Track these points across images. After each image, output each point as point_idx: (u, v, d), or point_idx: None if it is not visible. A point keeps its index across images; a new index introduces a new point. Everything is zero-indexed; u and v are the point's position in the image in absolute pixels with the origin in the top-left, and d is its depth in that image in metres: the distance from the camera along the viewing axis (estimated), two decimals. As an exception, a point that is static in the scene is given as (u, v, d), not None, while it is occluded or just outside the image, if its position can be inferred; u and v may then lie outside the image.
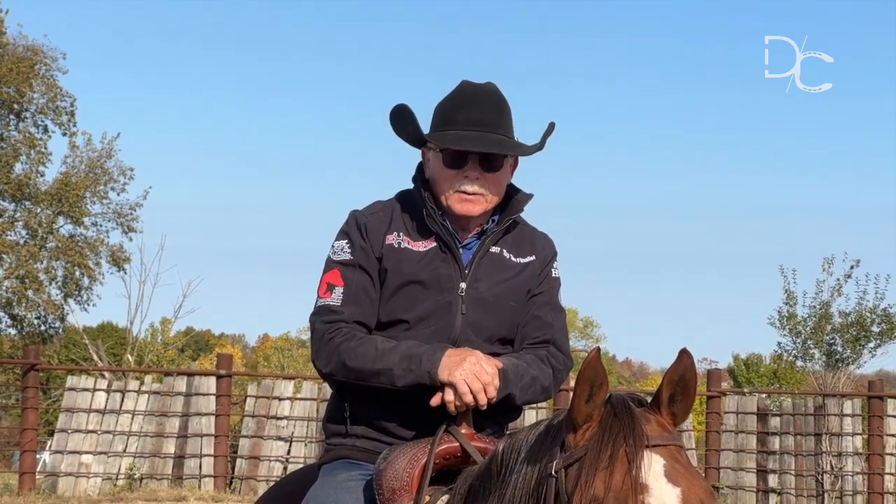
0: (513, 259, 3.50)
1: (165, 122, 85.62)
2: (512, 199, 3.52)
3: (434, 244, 3.44)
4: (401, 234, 3.45)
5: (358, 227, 3.46)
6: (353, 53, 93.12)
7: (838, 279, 25.80)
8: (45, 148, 32.27)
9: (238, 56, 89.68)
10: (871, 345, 26.18)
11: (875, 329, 25.97)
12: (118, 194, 32.68)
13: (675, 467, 2.54)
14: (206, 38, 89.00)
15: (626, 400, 2.62)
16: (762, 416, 14.47)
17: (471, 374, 3.19)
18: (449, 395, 3.21)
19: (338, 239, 3.49)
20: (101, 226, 32.77)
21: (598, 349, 2.59)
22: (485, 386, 3.19)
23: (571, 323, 60.66)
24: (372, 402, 3.35)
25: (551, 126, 3.53)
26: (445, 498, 3.06)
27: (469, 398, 3.19)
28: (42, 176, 32.25)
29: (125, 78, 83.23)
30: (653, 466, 2.52)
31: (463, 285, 3.41)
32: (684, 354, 2.59)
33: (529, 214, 3.60)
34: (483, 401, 3.20)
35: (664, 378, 2.61)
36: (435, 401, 3.22)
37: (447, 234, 3.43)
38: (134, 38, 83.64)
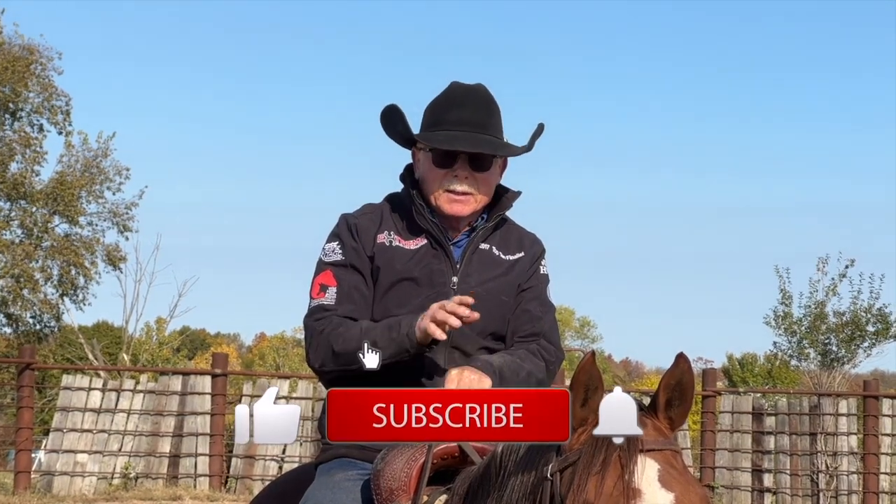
0: (502, 256, 3.52)
1: (161, 121, 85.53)
2: (500, 197, 3.55)
3: (425, 241, 3.47)
4: (391, 233, 3.48)
5: (348, 228, 3.49)
6: (353, 52, 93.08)
7: (833, 279, 25.68)
8: (41, 147, 32.17)
9: (235, 55, 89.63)
10: (866, 344, 26.09)
11: (870, 329, 25.88)
12: (114, 194, 32.57)
13: (670, 472, 2.53)
14: (202, 38, 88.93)
15: (622, 404, 2.62)
16: (757, 415, 14.47)
17: (431, 312, 3.19)
18: (428, 333, 3.19)
19: (328, 241, 3.52)
20: (96, 225, 32.66)
21: (593, 352, 2.60)
22: (451, 311, 3.16)
23: (568, 322, 60.70)
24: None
25: (540, 127, 3.56)
26: (443, 498, 3.06)
27: (435, 330, 3.16)
28: (37, 175, 32.18)
29: (121, 77, 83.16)
30: (646, 471, 2.51)
31: (455, 279, 3.44)
32: (681, 359, 2.58)
33: (525, 213, 3.64)
34: (456, 323, 3.17)
35: (661, 382, 2.61)
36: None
37: (437, 231, 3.46)
38: (130, 37, 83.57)
